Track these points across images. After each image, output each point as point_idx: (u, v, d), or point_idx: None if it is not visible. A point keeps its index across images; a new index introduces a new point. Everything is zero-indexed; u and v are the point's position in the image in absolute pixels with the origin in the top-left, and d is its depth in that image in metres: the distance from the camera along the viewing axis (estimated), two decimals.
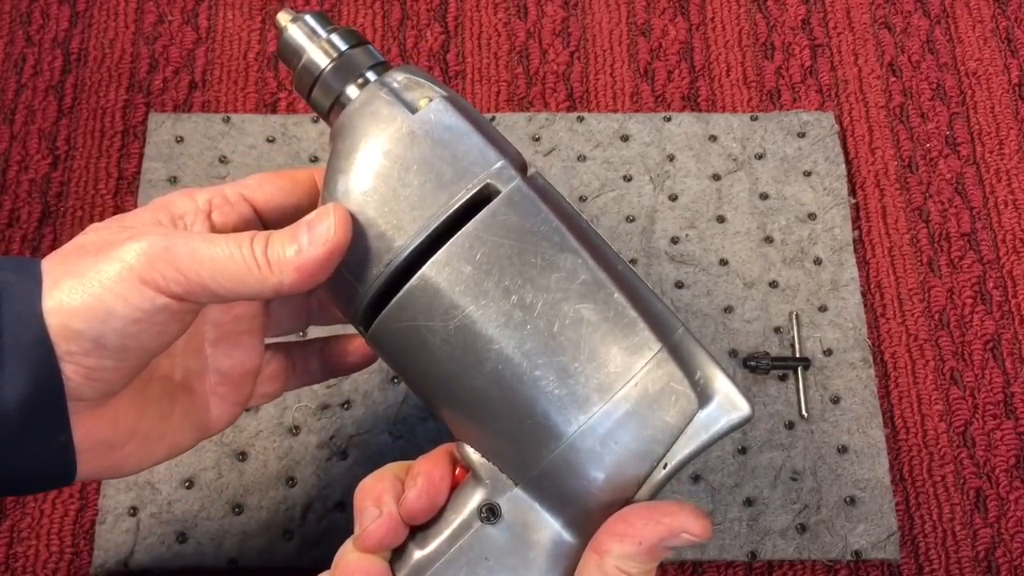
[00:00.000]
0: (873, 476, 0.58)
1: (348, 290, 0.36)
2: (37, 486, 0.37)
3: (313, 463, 0.58)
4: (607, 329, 0.35)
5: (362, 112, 0.36)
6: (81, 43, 0.70)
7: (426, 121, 0.35)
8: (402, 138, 0.35)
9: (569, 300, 0.35)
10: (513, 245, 0.34)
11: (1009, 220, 0.66)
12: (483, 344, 0.34)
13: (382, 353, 0.38)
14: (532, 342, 0.34)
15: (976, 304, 0.63)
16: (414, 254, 0.35)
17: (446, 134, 0.35)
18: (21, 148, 0.66)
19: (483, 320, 0.34)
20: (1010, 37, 0.72)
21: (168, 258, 0.33)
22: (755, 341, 0.61)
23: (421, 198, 0.35)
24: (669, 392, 0.35)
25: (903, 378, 0.61)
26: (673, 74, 0.70)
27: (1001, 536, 0.58)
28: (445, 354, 0.35)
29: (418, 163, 0.35)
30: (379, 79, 0.37)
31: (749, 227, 0.65)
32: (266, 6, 0.72)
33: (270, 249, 0.34)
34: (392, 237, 0.35)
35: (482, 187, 0.35)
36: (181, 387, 0.40)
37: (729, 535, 0.56)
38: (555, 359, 0.34)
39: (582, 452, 0.34)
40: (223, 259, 0.34)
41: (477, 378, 0.35)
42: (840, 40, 0.72)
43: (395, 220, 0.35)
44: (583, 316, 0.35)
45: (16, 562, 0.56)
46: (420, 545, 0.36)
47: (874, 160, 0.68)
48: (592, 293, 0.35)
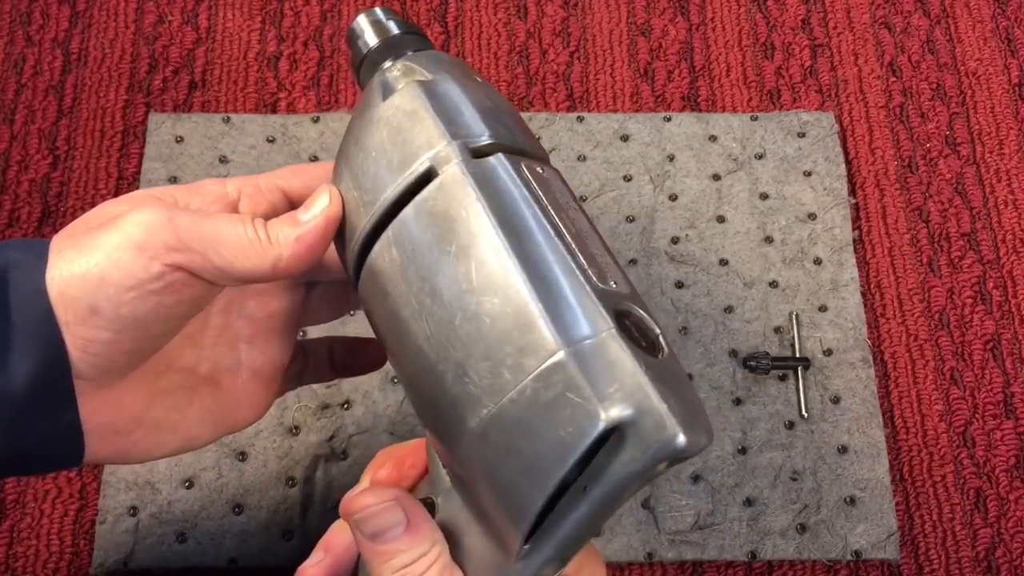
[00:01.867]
0: (873, 476, 0.58)
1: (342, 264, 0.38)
2: (46, 466, 0.36)
3: (313, 463, 0.58)
4: (503, 326, 0.31)
5: (361, 101, 0.37)
6: (81, 43, 0.70)
7: (391, 107, 0.36)
8: (368, 124, 0.36)
9: (473, 292, 0.32)
10: (435, 232, 0.33)
11: (1009, 220, 0.66)
12: (403, 332, 0.34)
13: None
14: (437, 334, 0.32)
15: (976, 304, 0.63)
16: (368, 239, 0.36)
17: (405, 120, 0.35)
18: (21, 148, 0.66)
19: (402, 307, 0.34)
20: (1010, 37, 0.72)
21: (169, 227, 0.33)
22: (755, 341, 0.61)
23: (375, 182, 0.35)
24: (564, 403, 0.30)
25: (903, 378, 0.61)
26: (673, 74, 0.70)
27: (1001, 536, 0.58)
28: (385, 339, 0.36)
29: (376, 149, 0.36)
30: (383, 67, 0.38)
31: (749, 227, 0.65)
32: (266, 6, 0.72)
33: (270, 227, 0.36)
34: (355, 221, 0.36)
35: (427, 170, 0.34)
36: (205, 381, 0.40)
37: (729, 535, 0.56)
38: (453, 354, 0.32)
39: (476, 458, 0.32)
40: (224, 231, 0.34)
41: (400, 366, 0.36)
42: (840, 40, 0.72)
43: (357, 203, 0.36)
44: (483, 310, 0.31)
45: (16, 562, 0.56)
46: None
47: (874, 160, 0.68)
48: (496, 286, 0.31)
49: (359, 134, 0.37)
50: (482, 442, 0.31)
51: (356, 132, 0.37)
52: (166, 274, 0.33)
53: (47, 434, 0.34)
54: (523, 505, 0.31)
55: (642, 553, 0.56)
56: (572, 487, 0.30)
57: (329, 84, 0.69)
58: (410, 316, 0.33)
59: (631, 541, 0.56)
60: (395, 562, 0.33)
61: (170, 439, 0.39)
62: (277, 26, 0.71)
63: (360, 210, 0.36)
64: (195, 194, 0.37)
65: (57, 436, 0.34)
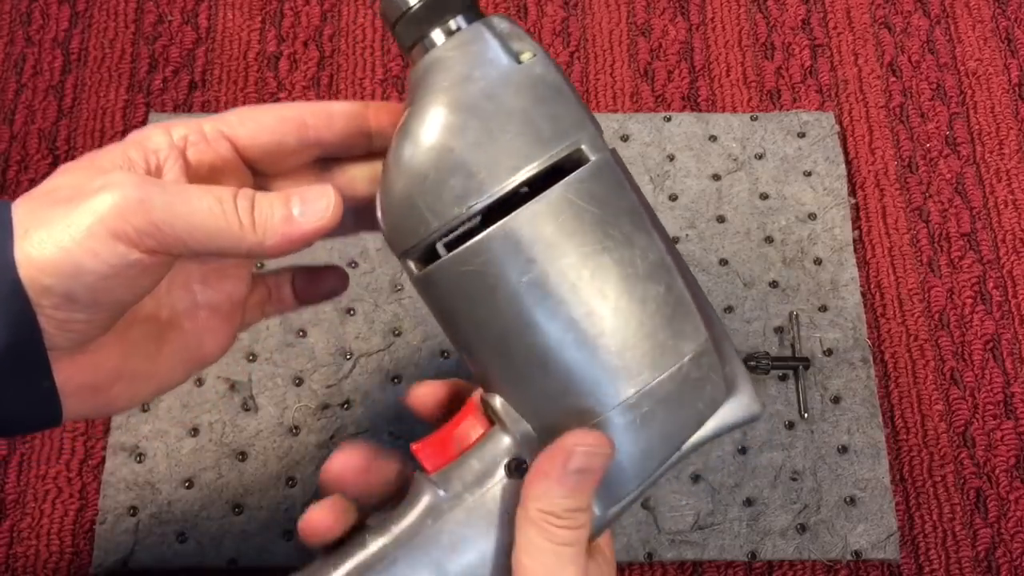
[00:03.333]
0: (873, 476, 0.58)
1: (418, 224, 0.35)
2: (24, 429, 0.36)
3: (313, 463, 0.58)
4: (666, 312, 0.36)
5: (466, 50, 0.35)
6: (81, 43, 0.70)
7: (531, 74, 0.35)
8: (508, 84, 0.34)
9: (639, 278, 0.35)
10: (596, 214, 0.34)
11: (1009, 220, 0.66)
12: (553, 303, 0.34)
13: (433, 292, 0.37)
14: (600, 310, 0.34)
15: (976, 304, 0.63)
16: (499, 202, 0.34)
17: (547, 91, 0.35)
18: (21, 148, 0.66)
19: (558, 280, 0.34)
20: (1010, 37, 0.72)
21: (142, 211, 0.32)
22: (755, 341, 0.61)
23: (517, 148, 0.34)
24: (706, 381, 0.37)
25: (903, 378, 0.61)
26: (673, 74, 0.70)
27: (1001, 536, 0.58)
28: (511, 306, 0.34)
29: (519, 113, 0.34)
30: (485, 20, 0.36)
31: (749, 227, 0.65)
32: (266, 6, 0.72)
33: (257, 209, 0.34)
34: (482, 180, 0.34)
35: (573, 151, 0.35)
36: (168, 326, 0.39)
37: (729, 535, 0.56)
38: (619, 331, 0.35)
39: (620, 425, 0.35)
40: (201, 213, 0.33)
41: (539, 336, 0.34)
42: (840, 40, 0.72)
43: (488, 163, 0.34)
44: (649, 295, 0.35)
45: (16, 562, 0.56)
46: (441, 485, 0.36)
47: (874, 160, 0.68)
48: (659, 275, 0.36)
49: (491, 89, 0.34)
50: (632, 411, 0.35)
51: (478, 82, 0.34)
52: (143, 260, 0.33)
53: (23, 401, 0.34)
54: (647, 461, 0.36)
55: (642, 553, 0.56)
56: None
57: (329, 84, 0.69)
58: (567, 290, 0.34)
59: (631, 541, 0.56)
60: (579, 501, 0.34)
61: (146, 386, 0.39)
62: (277, 26, 0.71)
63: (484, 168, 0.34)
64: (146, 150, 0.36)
65: (33, 402, 0.34)
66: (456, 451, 0.37)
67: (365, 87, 0.69)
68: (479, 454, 0.37)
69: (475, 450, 0.37)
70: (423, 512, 0.36)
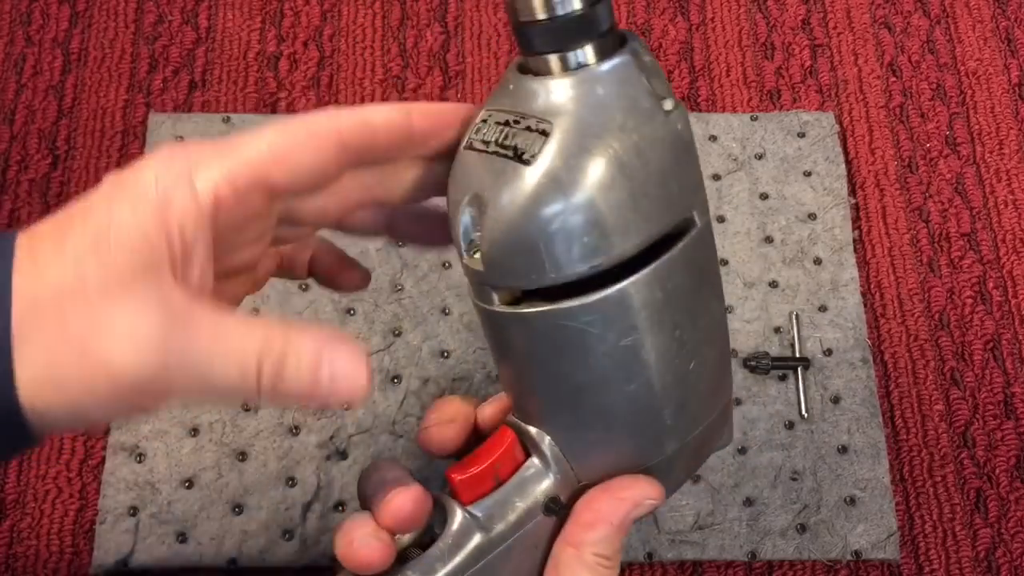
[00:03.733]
0: (873, 476, 0.58)
1: (531, 268, 0.32)
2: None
3: (313, 463, 0.58)
4: (717, 373, 0.37)
5: (620, 91, 0.31)
6: (81, 43, 0.70)
7: (674, 130, 0.32)
8: (656, 141, 0.32)
9: (708, 343, 0.36)
10: (693, 281, 0.34)
11: (1009, 220, 0.66)
12: (638, 368, 0.34)
13: (515, 332, 0.34)
14: (672, 376, 0.35)
15: (976, 304, 0.63)
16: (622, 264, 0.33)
17: (683, 152, 0.33)
18: (21, 148, 0.66)
19: (650, 347, 0.34)
20: (1010, 37, 0.72)
21: (159, 387, 0.29)
22: (755, 341, 0.61)
23: (650, 213, 0.32)
24: (723, 424, 0.39)
25: (903, 378, 0.61)
26: (673, 74, 0.70)
27: (1001, 536, 0.57)
28: (597, 365, 0.34)
29: (658, 175, 0.32)
30: (631, 47, 0.32)
31: (749, 227, 0.65)
32: (266, 6, 0.72)
33: (283, 378, 0.30)
34: (614, 242, 0.32)
35: (689, 214, 0.34)
36: None
37: (729, 535, 0.56)
38: (681, 394, 0.36)
39: (653, 471, 0.37)
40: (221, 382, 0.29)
41: (615, 396, 0.34)
42: (840, 40, 0.72)
43: (623, 225, 0.32)
44: (709, 358, 0.36)
45: (16, 562, 0.56)
46: (483, 527, 0.36)
47: (874, 160, 0.68)
48: (720, 339, 0.37)
49: (642, 145, 0.31)
50: (668, 461, 0.37)
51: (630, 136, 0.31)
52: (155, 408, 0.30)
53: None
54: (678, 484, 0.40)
55: (642, 553, 0.56)
56: None
57: (329, 84, 0.69)
58: (655, 357, 0.34)
59: (631, 541, 0.56)
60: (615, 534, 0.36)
61: None
62: (277, 26, 0.71)
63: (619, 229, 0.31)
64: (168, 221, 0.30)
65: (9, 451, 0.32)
66: (493, 482, 0.36)
67: (365, 87, 0.69)
68: (520, 492, 0.36)
69: (516, 486, 0.36)
70: (472, 554, 0.35)
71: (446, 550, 0.35)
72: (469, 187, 0.33)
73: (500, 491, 0.36)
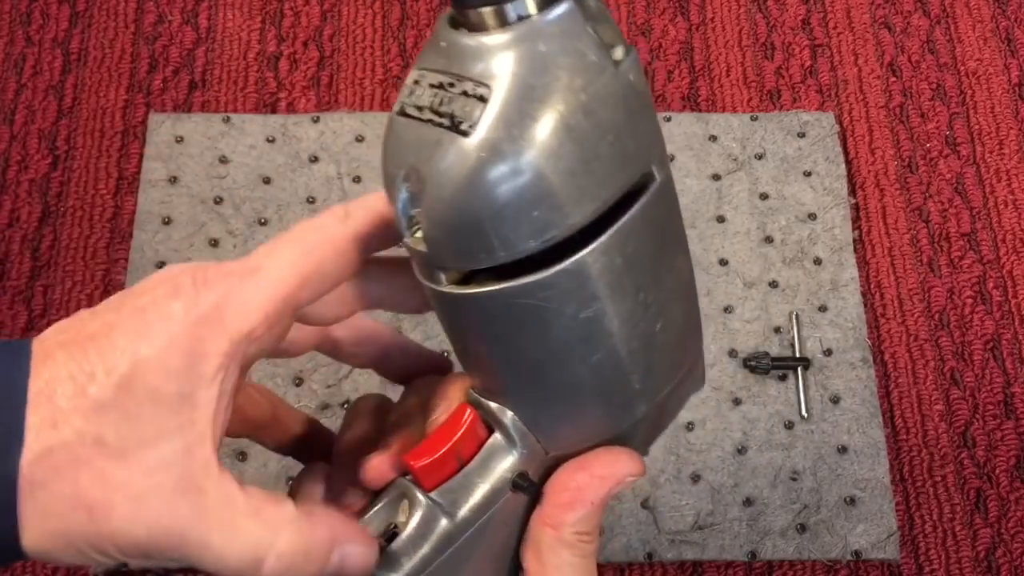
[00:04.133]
0: (873, 476, 0.58)
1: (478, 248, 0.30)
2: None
3: None
4: (686, 329, 0.35)
5: (564, 44, 0.29)
6: (81, 43, 0.70)
7: (626, 81, 0.29)
8: (606, 97, 0.29)
9: (674, 301, 0.33)
10: (655, 240, 0.32)
11: (1009, 220, 0.66)
12: (601, 338, 0.32)
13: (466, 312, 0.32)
14: (638, 341, 0.33)
15: (976, 304, 0.63)
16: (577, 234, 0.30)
17: (636, 103, 0.30)
18: (21, 148, 0.66)
19: (612, 315, 0.32)
20: (1010, 37, 0.72)
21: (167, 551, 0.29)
22: (755, 341, 0.61)
23: (604, 175, 0.30)
24: (694, 377, 0.37)
25: (903, 378, 0.61)
26: (673, 74, 0.70)
27: (1001, 536, 0.57)
28: (558, 340, 0.32)
29: (611, 132, 0.29)
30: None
31: (749, 227, 0.65)
32: (266, 6, 0.72)
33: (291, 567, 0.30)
34: (567, 213, 0.29)
35: (647, 170, 0.31)
36: None
37: (729, 535, 0.56)
38: (648, 358, 0.34)
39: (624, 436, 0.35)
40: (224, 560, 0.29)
41: (576, 367, 0.33)
42: (840, 40, 0.72)
43: (576, 193, 0.29)
44: (676, 316, 0.34)
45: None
46: (448, 513, 0.34)
47: (874, 160, 0.68)
48: (687, 295, 0.34)
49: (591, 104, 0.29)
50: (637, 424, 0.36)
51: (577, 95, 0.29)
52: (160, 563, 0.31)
53: None
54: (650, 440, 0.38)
55: (642, 553, 0.56)
56: None
57: (329, 84, 0.69)
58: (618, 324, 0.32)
59: (631, 541, 0.56)
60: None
61: None
62: (277, 26, 0.71)
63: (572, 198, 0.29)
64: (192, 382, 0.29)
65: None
66: (456, 464, 0.35)
67: (365, 87, 0.69)
68: (483, 473, 0.35)
69: (479, 466, 0.35)
70: (438, 542, 0.34)
71: (410, 542, 0.34)
72: (405, 160, 0.30)
73: (463, 473, 0.34)
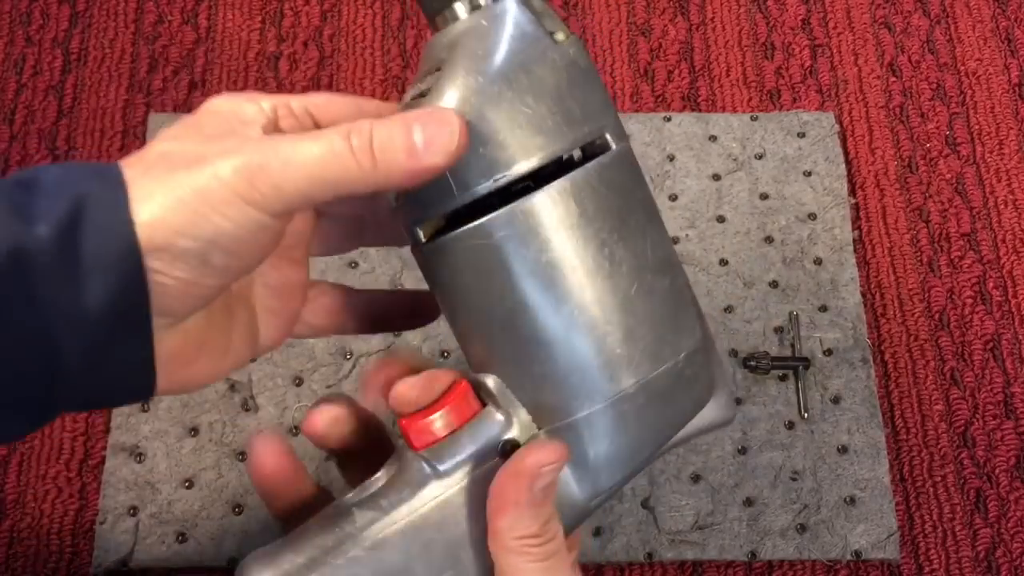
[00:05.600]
0: (873, 476, 0.58)
1: (440, 192, 0.34)
2: (115, 401, 0.35)
3: (313, 463, 0.57)
4: (670, 307, 0.36)
5: (503, 20, 0.34)
6: (81, 43, 0.70)
7: (566, 55, 0.34)
8: (544, 60, 0.34)
9: (649, 269, 0.35)
10: (616, 201, 0.35)
11: (1009, 220, 0.66)
12: (568, 285, 0.34)
13: (442, 264, 0.36)
14: (612, 298, 0.35)
15: (976, 304, 0.63)
16: (524, 178, 0.34)
17: (579, 74, 0.35)
18: (21, 148, 0.66)
19: (576, 262, 0.34)
20: (1010, 37, 0.72)
21: (264, 176, 0.31)
22: (755, 341, 0.61)
23: (549, 127, 0.34)
24: (697, 380, 0.37)
25: (903, 378, 0.61)
26: (673, 74, 0.70)
27: (1001, 536, 0.58)
28: (523, 284, 0.34)
29: (553, 91, 0.34)
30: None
31: (749, 227, 0.65)
32: (266, 6, 0.72)
33: (376, 144, 0.32)
34: (513, 154, 0.33)
35: (598, 137, 0.35)
36: (237, 298, 0.39)
37: (729, 535, 0.56)
38: (626, 319, 0.35)
39: (616, 414, 0.35)
40: (317, 161, 0.31)
41: (548, 317, 0.34)
42: (840, 40, 0.72)
43: (520, 137, 0.33)
44: (656, 287, 0.35)
45: (16, 562, 0.56)
46: (433, 462, 0.36)
47: (874, 160, 0.68)
48: (667, 269, 0.36)
49: (529, 64, 0.34)
50: (628, 401, 0.35)
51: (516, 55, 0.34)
52: (273, 224, 0.32)
53: (121, 369, 0.33)
54: (637, 454, 0.37)
55: (642, 553, 0.56)
56: None
57: (329, 84, 0.69)
58: (583, 273, 0.34)
59: (631, 541, 0.56)
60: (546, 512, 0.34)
61: (223, 361, 0.38)
62: (277, 26, 0.71)
63: (516, 142, 0.33)
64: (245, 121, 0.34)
65: (130, 371, 0.33)
66: (446, 431, 0.37)
67: (365, 87, 0.69)
68: (472, 433, 0.36)
69: (467, 429, 0.36)
70: (414, 488, 0.35)
71: (391, 486, 0.36)
72: None
73: (452, 436, 0.36)
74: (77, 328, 0.31)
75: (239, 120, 0.34)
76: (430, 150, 0.32)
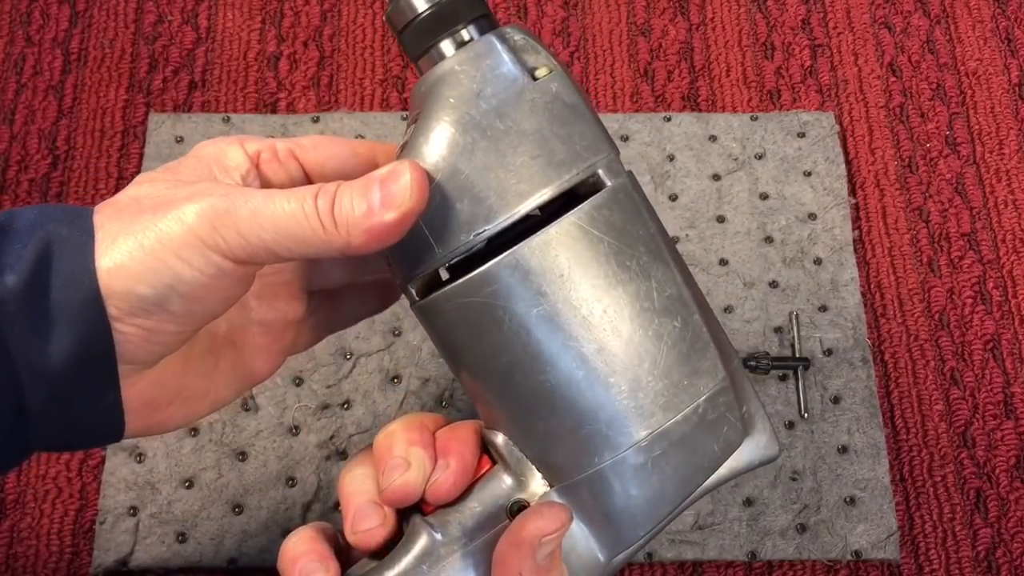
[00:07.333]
0: (873, 476, 0.58)
1: (422, 250, 0.33)
2: (86, 443, 0.36)
3: (313, 463, 0.58)
4: (682, 349, 0.34)
5: (477, 64, 0.33)
6: (81, 43, 0.70)
7: (547, 92, 0.33)
8: (521, 102, 0.32)
9: (655, 312, 0.33)
10: (612, 244, 0.33)
11: (1009, 220, 0.66)
12: (563, 339, 0.32)
13: (435, 322, 0.35)
14: (613, 347, 0.33)
15: (976, 304, 0.63)
16: (509, 229, 0.32)
17: (563, 111, 0.33)
18: (21, 148, 0.66)
19: (569, 314, 0.32)
20: (1010, 37, 0.72)
21: (229, 221, 0.31)
22: (755, 341, 0.61)
23: (531, 172, 0.32)
24: (723, 422, 0.35)
25: (903, 378, 0.61)
26: (673, 74, 0.70)
27: (1001, 536, 0.58)
28: (518, 340, 0.33)
29: (532, 134, 0.32)
30: (498, 31, 0.34)
31: (749, 227, 0.65)
32: (266, 6, 0.72)
33: (337, 205, 0.32)
34: (491, 206, 0.32)
35: (589, 176, 0.33)
36: (225, 342, 0.39)
37: (729, 535, 0.56)
38: (631, 369, 0.33)
39: (630, 468, 0.34)
40: (285, 218, 0.31)
41: (547, 372, 0.33)
42: (840, 40, 0.72)
43: (498, 187, 0.32)
44: (664, 331, 0.33)
45: (16, 562, 0.56)
46: (438, 528, 0.34)
47: (874, 160, 0.68)
48: (676, 310, 0.34)
49: (504, 108, 0.32)
50: (644, 453, 0.33)
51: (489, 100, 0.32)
52: (235, 270, 0.32)
53: (88, 415, 0.33)
54: (660, 506, 0.34)
55: (642, 553, 0.56)
56: None
57: (329, 84, 0.69)
58: (579, 325, 0.32)
59: None
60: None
61: (201, 404, 0.38)
62: (277, 26, 0.71)
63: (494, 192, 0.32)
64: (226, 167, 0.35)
65: (98, 416, 0.33)
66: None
67: (365, 87, 0.69)
68: (479, 496, 0.35)
69: (475, 492, 0.35)
70: (418, 557, 0.34)
71: (396, 557, 0.34)
72: None
73: (460, 500, 0.35)
74: (42, 378, 0.31)
75: (220, 166, 0.35)
76: (385, 207, 0.31)
